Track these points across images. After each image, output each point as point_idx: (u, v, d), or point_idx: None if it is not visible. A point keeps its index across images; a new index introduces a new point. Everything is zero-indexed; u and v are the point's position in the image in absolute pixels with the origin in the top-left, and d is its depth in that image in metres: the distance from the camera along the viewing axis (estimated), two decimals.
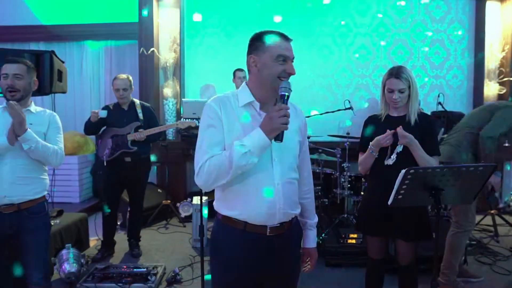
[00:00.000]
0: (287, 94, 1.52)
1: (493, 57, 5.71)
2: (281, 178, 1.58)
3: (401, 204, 1.97)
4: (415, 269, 2.41)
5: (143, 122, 3.87)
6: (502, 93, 5.67)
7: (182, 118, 3.87)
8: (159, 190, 5.51)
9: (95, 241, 4.30)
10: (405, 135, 2.22)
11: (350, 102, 5.01)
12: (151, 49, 5.65)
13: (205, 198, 4.42)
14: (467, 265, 3.52)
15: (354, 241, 3.73)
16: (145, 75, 5.69)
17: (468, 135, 3.05)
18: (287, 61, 1.56)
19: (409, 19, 5.70)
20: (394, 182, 1.88)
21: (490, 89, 5.70)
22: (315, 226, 1.84)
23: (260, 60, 1.56)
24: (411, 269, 2.39)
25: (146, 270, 3.37)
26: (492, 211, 4.64)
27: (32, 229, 2.31)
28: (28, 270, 2.32)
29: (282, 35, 1.58)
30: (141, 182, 4.04)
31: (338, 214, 4.51)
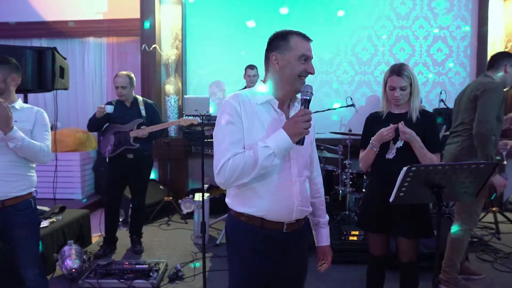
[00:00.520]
0: (309, 98, 1.55)
1: None
2: (298, 176, 1.63)
3: (402, 201, 1.97)
4: (416, 266, 2.41)
5: (146, 119, 3.88)
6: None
7: (184, 115, 3.86)
8: (161, 187, 5.52)
9: (97, 237, 4.32)
10: (405, 131, 2.23)
11: (352, 99, 5.01)
12: (153, 45, 5.65)
13: (206, 195, 4.43)
14: (469, 262, 3.52)
15: (355, 238, 3.74)
16: (147, 72, 5.70)
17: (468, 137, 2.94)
18: (308, 60, 1.60)
19: (411, 16, 5.69)
20: (395, 179, 1.88)
21: None
22: (328, 224, 1.87)
23: (283, 58, 1.59)
24: (412, 266, 2.39)
25: (148, 266, 3.39)
26: (493, 209, 4.63)
27: (19, 225, 2.31)
28: (21, 266, 2.33)
29: (304, 36, 1.62)
30: (143, 178, 4.05)
31: (339, 211, 4.52)
